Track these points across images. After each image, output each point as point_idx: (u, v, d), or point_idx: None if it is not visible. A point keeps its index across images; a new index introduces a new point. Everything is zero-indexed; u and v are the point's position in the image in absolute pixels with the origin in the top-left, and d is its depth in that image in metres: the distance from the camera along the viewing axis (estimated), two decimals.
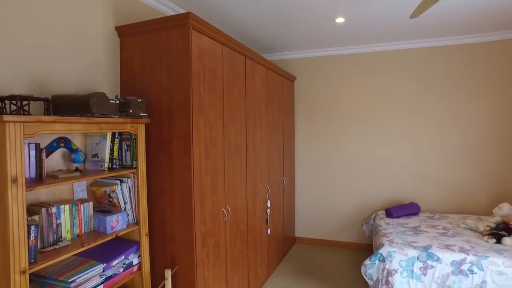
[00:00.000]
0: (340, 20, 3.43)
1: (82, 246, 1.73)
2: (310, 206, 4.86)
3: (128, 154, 2.14)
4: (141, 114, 2.10)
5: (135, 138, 2.11)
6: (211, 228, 2.43)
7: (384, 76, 4.45)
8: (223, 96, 2.62)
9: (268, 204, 3.58)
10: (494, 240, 3.04)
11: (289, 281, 3.68)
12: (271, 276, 3.79)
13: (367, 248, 4.56)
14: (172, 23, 2.20)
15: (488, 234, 3.14)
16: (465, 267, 2.76)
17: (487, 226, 3.31)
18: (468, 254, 2.80)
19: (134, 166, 2.12)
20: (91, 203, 1.97)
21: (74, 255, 1.84)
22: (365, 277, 3.04)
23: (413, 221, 3.75)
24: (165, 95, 2.24)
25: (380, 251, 3.00)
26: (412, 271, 2.88)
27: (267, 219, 3.58)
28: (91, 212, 1.97)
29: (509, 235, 3.05)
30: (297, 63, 4.82)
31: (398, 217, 3.91)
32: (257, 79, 3.36)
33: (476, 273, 2.72)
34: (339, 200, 4.72)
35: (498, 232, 3.09)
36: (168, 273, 2.16)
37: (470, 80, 4.12)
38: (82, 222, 1.91)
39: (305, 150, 4.85)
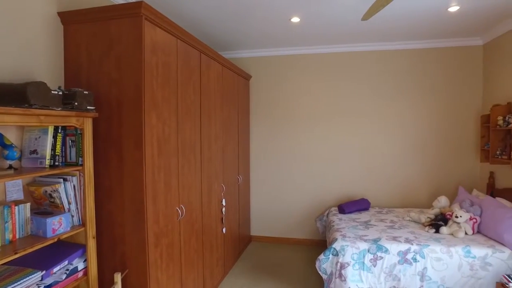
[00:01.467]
0: (295, 19, 3.49)
1: (15, 253, 1.55)
2: (265, 204, 4.89)
3: (73, 150, 1.98)
4: (88, 107, 1.95)
5: (81, 133, 1.95)
6: (165, 228, 2.33)
7: (336, 77, 4.62)
8: (177, 91, 2.54)
9: (224, 203, 3.54)
10: (434, 230, 3.28)
11: (245, 279, 3.66)
12: (227, 275, 3.75)
13: (321, 244, 4.69)
14: (123, 12, 2.07)
15: (429, 225, 3.38)
16: (409, 256, 2.94)
17: (428, 217, 3.56)
18: (412, 244, 2.99)
19: (80, 163, 1.96)
20: (28, 205, 1.79)
21: (5, 264, 1.64)
22: (319, 272, 3.12)
23: (364, 216, 3.93)
24: (115, 88, 2.10)
25: (333, 246, 3.09)
26: (363, 263, 3.00)
27: (222, 218, 3.53)
28: (28, 215, 1.79)
29: (445, 224, 3.31)
30: (253, 62, 4.83)
31: (350, 212, 4.07)
32: (212, 76, 3.30)
33: (418, 261, 2.91)
34: (293, 198, 4.81)
35: (437, 223, 3.34)
36: (117, 277, 2.03)
37: (412, 83, 4.42)
38: (17, 226, 1.72)
39: (260, 149, 4.88)
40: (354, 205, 4.11)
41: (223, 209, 3.53)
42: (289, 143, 4.79)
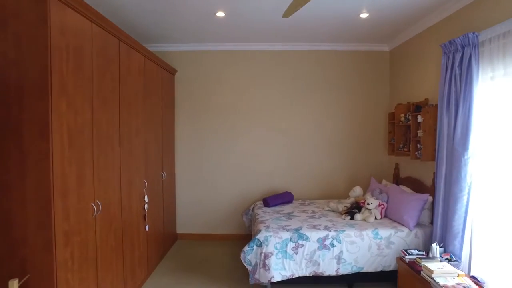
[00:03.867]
0: (220, 14, 3.49)
1: None
2: (192, 201, 4.81)
3: None
4: None
5: None
6: (77, 225, 2.14)
7: (260, 74, 4.74)
8: (92, 78, 2.35)
9: (146, 199, 3.38)
10: (349, 217, 3.57)
11: (171, 278, 3.55)
12: (151, 275, 3.59)
13: (248, 237, 4.73)
14: None
15: (345, 213, 3.67)
16: (327, 242, 3.15)
17: (345, 206, 3.86)
18: (330, 231, 3.21)
19: None
20: None
21: None
22: (244, 263, 3.16)
23: (287, 208, 4.10)
24: (14, 70, 1.86)
25: (257, 237, 3.17)
26: (286, 251, 3.13)
27: (145, 215, 3.38)
28: None
29: (359, 211, 3.63)
30: (179, 56, 4.71)
31: (275, 205, 4.21)
32: (133, 67, 3.13)
33: (336, 246, 3.14)
34: (219, 194, 4.81)
35: (352, 210, 3.65)
36: (13, 285, 1.79)
37: (330, 83, 4.75)
38: None
39: (185, 145, 4.78)
40: (278, 198, 4.27)
41: (146, 205, 3.38)
42: (215, 139, 4.78)
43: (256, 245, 3.15)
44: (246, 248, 3.16)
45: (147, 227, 3.42)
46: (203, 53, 4.73)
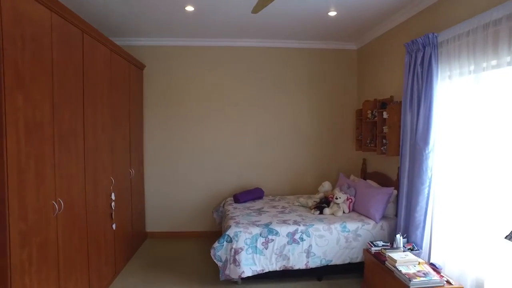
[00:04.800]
0: (190, 8, 3.44)
1: None
2: (162, 198, 4.72)
3: None
4: None
5: None
6: (36, 225, 2.04)
7: (230, 70, 4.73)
8: (53, 71, 2.24)
9: (113, 197, 3.28)
10: (318, 212, 3.65)
11: (139, 278, 3.47)
12: (118, 275, 3.49)
13: (218, 234, 4.67)
14: None
15: (314, 208, 3.73)
16: (297, 236, 3.20)
17: (314, 201, 3.94)
18: (300, 225, 3.26)
19: None
20: None
21: None
22: (214, 260, 3.15)
23: (258, 204, 4.12)
24: None
25: (227, 233, 3.17)
26: (256, 246, 3.15)
27: (111, 213, 3.27)
28: None
29: (328, 206, 3.71)
30: (147, 51, 4.59)
31: (245, 201, 4.22)
32: (98, 60, 3.02)
33: (305, 240, 3.20)
34: (190, 191, 4.75)
35: (321, 205, 3.72)
36: None
37: (300, 80, 4.82)
38: None
39: (155, 142, 4.68)
40: (249, 195, 4.28)
41: (113, 203, 3.28)
42: (185, 136, 4.71)
43: (226, 241, 3.14)
44: (216, 244, 3.15)
45: (114, 226, 3.32)
46: (172, 48, 4.64)
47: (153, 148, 4.68)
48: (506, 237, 1.76)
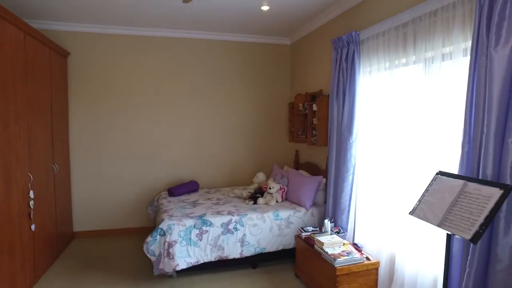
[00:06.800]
0: None
1: None
2: (91, 195, 4.43)
3: None
4: None
5: None
6: None
7: (164, 61, 4.58)
8: None
9: (31, 195, 3.00)
10: (252, 202, 3.73)
11: (64, 280, 3.24)
12: (39, 279, 3.22)
13: (153, 230, 4.61)
14: None
15: (248, 198, 3.81)
16: (231, 226, 3.25)
17: (249, 192, 4.02)
18: (233, 215, 3.31)
19: None
20: None
21: None
22: (147, 255, 3.07)
23: (193, 197, 4.08)
24: None
25: (160, 226, 3.10)
26: (190, 238, 3.13)
27: (30, 213, 2.99)
28: None
29: (262, 196, 3.82)
30: (72, 37, 4.24)
31: (180, 194, 4.16)
32: (8, 43, 2.71)
33: (239, 229, 3.26)
34: (123, 186, 4.53)
35: (255, 195, 3.81)
36: None
37: (235, 73, 4.84)
38: None
39: (82, 135, 4.36)
40: (183, 187, 4.23)
41: (31, 202, 3.00)
42: (116, 129, 4.46)
43: (159, 235, 3.07)
44: (149, 239, 3.06)
45: (33, 227, 3.04)
46: (102, 36, 4.34)
47: (81, 142, 4.35)
48: (410, 213, 1.99)
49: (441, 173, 2.01)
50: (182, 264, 3.07)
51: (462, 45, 2.12)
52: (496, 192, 1.57)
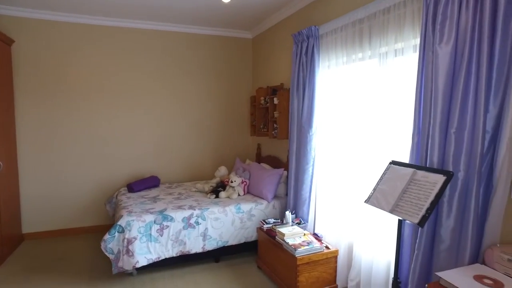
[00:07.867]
0: None
1: None
2: (42, 194, 4.15)
3: None
4: None
5: None
6: None
7: (125, 54, 4.38)
8: None
9: None
10: (214, 196, 3.71)
11: (11, 285, 3.02)
12: None
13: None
14: None
15: (210, 192, 3.79)
16: (192, 220, 3.21)
17: (211, 186, 3.99)
18: (195, 210, 3.28)
19: None
20: None
21: None
22: (106, 253, 2.95)
23: (153, 192, 3.98)
24: None
25: (119, 223, 2.99)
26: (150, 234, 3.06)
27: None
28: None
29: (224, 190, 3.81)
30: (17, 23, 3.91)
31: (140, 190, 4.04)
32: None
33: (200, 224, 3.23)
34: (77, 184, 4.30)
35: (217, 189, 3.80)
36: None
37: (197, 66, 4.76)
38: None
39: (31, 130, 4.06)
40: (144, 183, 4.11)
41: None
42: (70, 123, 4.21)
43: (118, 232, 2.97)
44: (106, 236, 2.95)
45: None
46: (53, 24, 4.05)
47: (29, 137, 4.05)
48: (365, 201, 2.08)
49: (393, 162, 2.12)
50: (142, 261, 2.99)
51: (412, 41, 2.24)
52: (440, 178, 1.69)
